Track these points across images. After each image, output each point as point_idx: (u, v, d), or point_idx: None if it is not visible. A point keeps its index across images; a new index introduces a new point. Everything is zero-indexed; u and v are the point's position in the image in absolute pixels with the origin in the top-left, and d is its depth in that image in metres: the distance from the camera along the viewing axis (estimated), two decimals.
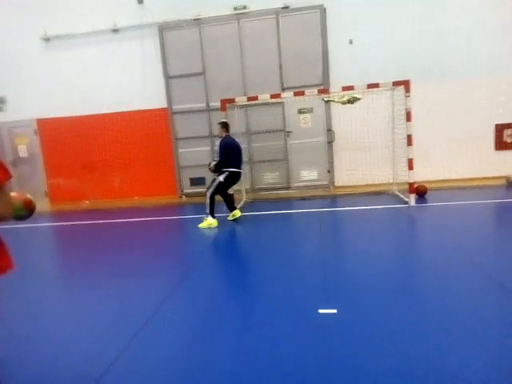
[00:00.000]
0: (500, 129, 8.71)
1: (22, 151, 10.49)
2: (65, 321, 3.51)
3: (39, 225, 7.90)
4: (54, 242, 7.30)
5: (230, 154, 6.76)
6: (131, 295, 3.94)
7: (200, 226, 6.54)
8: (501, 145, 8.76)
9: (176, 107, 9.55)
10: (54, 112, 10.00)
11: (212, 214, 6.60)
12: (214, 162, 6.80)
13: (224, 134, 6.89)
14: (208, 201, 6.62)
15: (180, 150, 9.70)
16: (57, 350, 2.98)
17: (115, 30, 9.63)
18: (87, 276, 4.71)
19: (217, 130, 7.11)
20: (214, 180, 6.79)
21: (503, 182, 8.22)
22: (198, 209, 8.70)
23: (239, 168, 6.91)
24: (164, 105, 9.59)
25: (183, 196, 9.78)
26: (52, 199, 10.54)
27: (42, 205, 10.16)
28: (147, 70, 9.64)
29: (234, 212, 6.85)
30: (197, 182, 9.70)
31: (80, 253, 5.86)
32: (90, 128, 9.93)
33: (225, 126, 6.94)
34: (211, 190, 6.66)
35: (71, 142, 10.04)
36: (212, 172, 6.89)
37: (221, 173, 6.73)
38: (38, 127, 10.31)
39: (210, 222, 6.54)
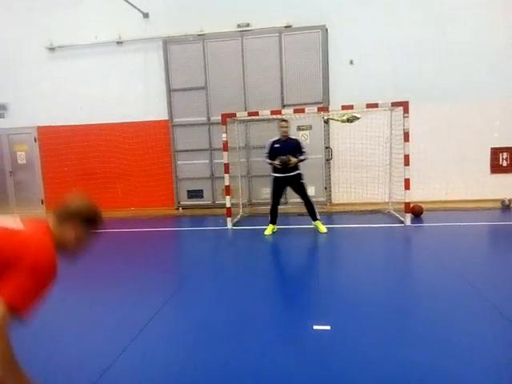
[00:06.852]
0: (495, 152, 8.82)
1: (21, 158, 10.50)
2: (57, 327, 3.48)
3: None
4: None
5: None
6: (124, 305, 3.91)
7: (322, 231, 6.62)
8: (496, 168, 8.86)
9: (177, 120, 9.63)
10: (56, 120, 10.04)
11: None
12: (302, 158, 6.55)
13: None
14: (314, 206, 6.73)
15: (179, 162, 9.74)
16: (49, 354, 2.96)
17: (120, 42, 9.77)
18: (80, 284, 4.68)
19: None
20: (302, 185, 6.70)
21: (498, 204, 8.29)
22: (194, 221, 8.75)
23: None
24: (165, 117, 9.67)
25: (180, 208, 9.78)
26: (48, 207, 10.49)
27: (39, 212, 10.12)
28: (150, 82, 9.75)
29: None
30: (194, 194, 9.72)
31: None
32: (91, 137, 9.97)
33: None
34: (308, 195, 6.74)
35: (71, 150, 10.06)
36: (288, 166, 6.46)
37: (301, 175, 6.67)
38: (38, 134, 10.34)
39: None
